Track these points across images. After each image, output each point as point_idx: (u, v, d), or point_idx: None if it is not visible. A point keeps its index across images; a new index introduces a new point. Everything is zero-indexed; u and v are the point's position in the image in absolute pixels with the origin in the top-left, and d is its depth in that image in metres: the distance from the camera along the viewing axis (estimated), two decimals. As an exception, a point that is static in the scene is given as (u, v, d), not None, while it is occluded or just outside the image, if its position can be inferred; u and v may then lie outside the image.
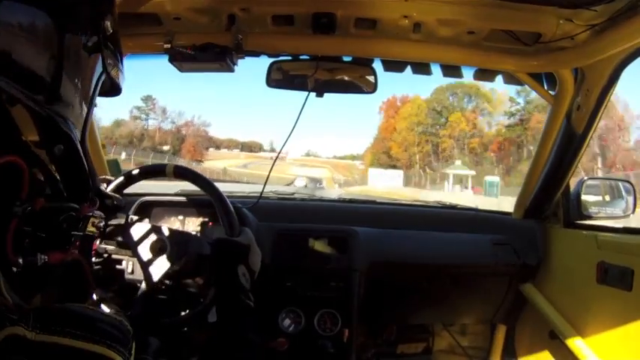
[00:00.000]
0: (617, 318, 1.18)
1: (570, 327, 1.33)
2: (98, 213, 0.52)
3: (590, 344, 1.25)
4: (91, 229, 0.52)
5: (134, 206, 1.34)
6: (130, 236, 1.15)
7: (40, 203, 0.42)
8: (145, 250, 1.14)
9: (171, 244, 1.15)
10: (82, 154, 0.47)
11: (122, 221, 1.17)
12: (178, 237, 1.18)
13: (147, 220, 1.26)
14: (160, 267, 1.13)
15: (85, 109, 0.46)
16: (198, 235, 1.34)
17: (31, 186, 0.40)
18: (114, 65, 0.50)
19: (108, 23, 0.48)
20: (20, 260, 0.42)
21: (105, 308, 1.08)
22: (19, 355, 0.36)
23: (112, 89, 0.51)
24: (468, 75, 1.38)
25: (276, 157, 1.84)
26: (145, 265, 1.13)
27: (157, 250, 1.15)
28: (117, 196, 1.11)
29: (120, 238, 1.15)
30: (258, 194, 1.58)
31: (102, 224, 0.52)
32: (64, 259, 0.49)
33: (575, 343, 1.28)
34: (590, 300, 1.30)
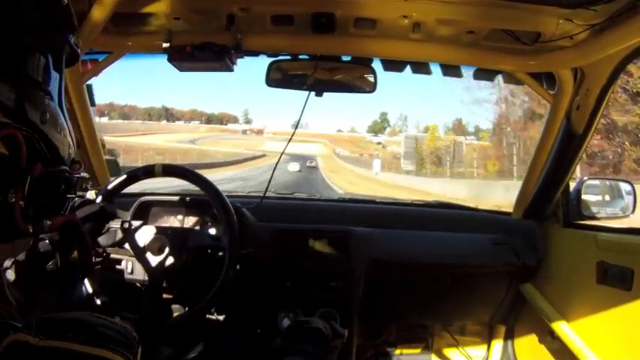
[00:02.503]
0: (617, 318, 1.18)
1: (570, 327, 1.33)
2: (84, 174, 0.54)
3: (589, 344, 1.25)
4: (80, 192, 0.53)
5: (133, 206, 1.34)
6: (129, 237, 1.15)
7: (39, 169, 0.43)
8: (145, 251, 1.15)
9: (171, 242, 1.15)
10: (62, 118, 0.48)
11: (120, 222, 1.17)
12: (177, 234, 1.18)
13: (146, 220, 1.26)
14: (161, 266, 1.14)
15: (57, 75, 0.48)
16: (197, 236, 1.35)
17: (28, 154, 0.42)
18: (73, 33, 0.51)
19: None
20: (30, 228, 0.44)
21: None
22: None
23: (71, 57, 0.52)
24: (467, 74, 1.38)
25: (279, 160, 1.83)
26: (146, 266, 1.14)
27: (156, 249, 1.15)
28: (109, 205, 1.11)
29: (119, 238, 1.16)
30: (260, 194, 1.58)
31: (89, 185, 0.56)
32: (64, 222, 0.52)
33: (574, 344, 1.28)
34: (589, 300, 1.29)
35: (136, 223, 1.18)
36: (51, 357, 0.38)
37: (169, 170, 1.20)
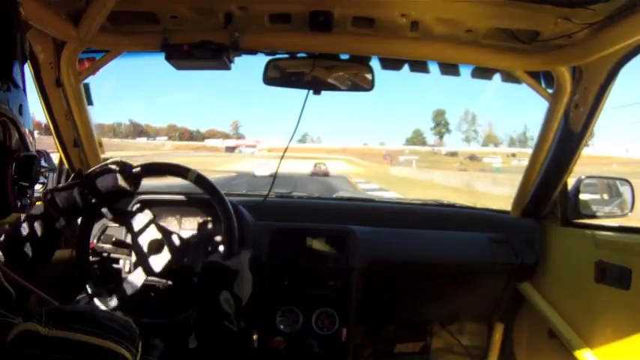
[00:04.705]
0: (616, 317, 1.18)
1: (568, 326, 1.33)
2: (45, 164, 0.61)
3: (588, 343, 1.25)
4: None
5: (132, 204, 1.34)
6: (131, 228, 1.16)
7: (22, 152, 0.49)
8: (142, 246, 1.15)
9: (169, 246, 1.16)
10: (28, 110, 0.53)
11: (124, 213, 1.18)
12: (177, 242, 1.18)
13: (149, 212, 1.26)
14: (154, 265, 1.14)
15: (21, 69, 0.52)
16: (196, 238, 1.34)
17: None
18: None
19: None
20: (19, 205, 0.50)
21: (101, 305, 1.09)
22: (33, 350, 0.38)
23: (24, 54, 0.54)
24: (465, 73, 1.38)
25: (280, 161, 1.81)
26: (140, 261, 1.14)
27: (154, 248, 1.16)
28: (132, 186, 1.10)
29: (120, 236, 1.16)
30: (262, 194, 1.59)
31: (47, 173, 0.65)
32: (38, 199, 0.60)
33: (573, 343, 1.28)
34: (588, 299, 1.29)
35: (138, 213, 1.19)
36: (59, 346, 0.39)
37: (199, 181, 1.16)
